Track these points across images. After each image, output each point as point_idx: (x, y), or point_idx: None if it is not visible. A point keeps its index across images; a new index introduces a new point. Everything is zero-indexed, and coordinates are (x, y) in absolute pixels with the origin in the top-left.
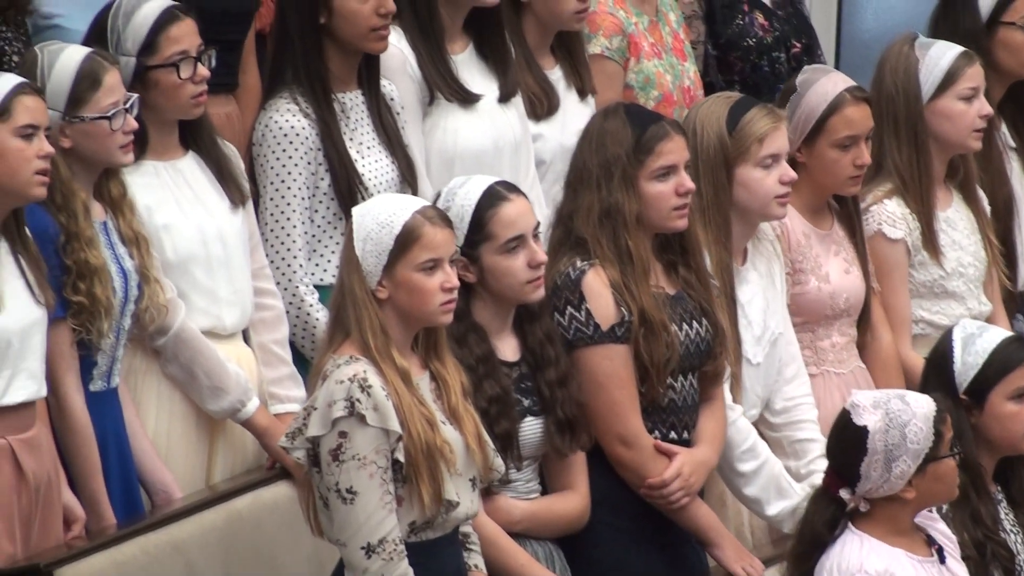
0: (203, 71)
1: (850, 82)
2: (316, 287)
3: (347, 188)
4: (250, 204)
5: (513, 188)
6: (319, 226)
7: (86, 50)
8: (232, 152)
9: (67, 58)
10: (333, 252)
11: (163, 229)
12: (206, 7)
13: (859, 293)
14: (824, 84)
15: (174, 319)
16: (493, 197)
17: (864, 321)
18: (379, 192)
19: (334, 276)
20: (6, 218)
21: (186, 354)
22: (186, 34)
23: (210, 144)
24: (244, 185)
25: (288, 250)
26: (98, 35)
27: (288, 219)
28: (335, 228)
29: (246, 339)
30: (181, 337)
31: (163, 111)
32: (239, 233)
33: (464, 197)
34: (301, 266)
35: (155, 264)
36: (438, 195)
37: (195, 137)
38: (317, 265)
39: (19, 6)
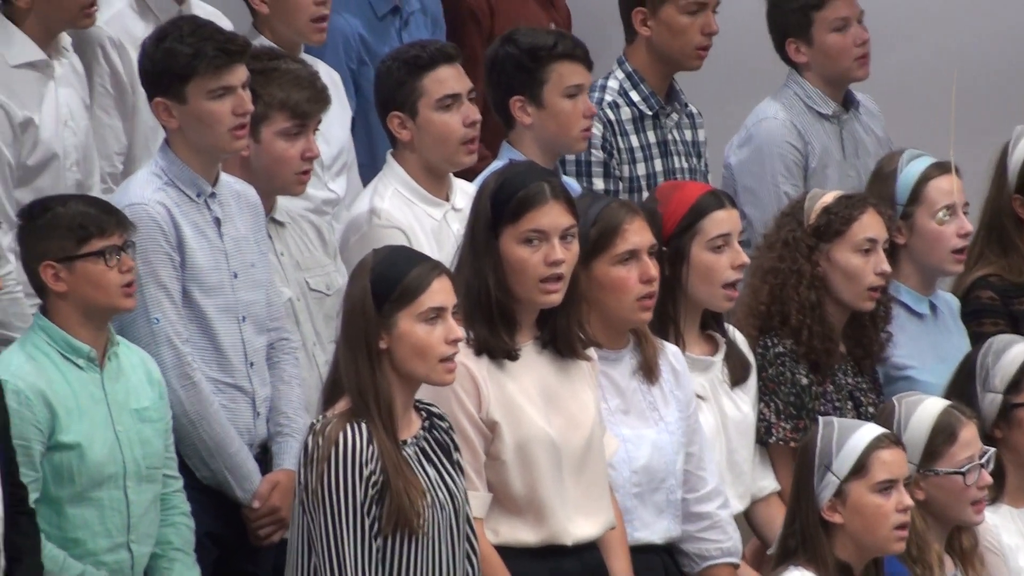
0: None
1: None
2: None
3: None
4: None
5: None
6: None
7: (944, 403)
8: None
9: (924, 410)
10: None
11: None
12: None
13: None
14: None
15: None
16: None
17: None
18: None
19: None
20: (867, 566)
21: None
22: None
23: None
24: None
25: None
26: (967, 372)
27: None
28: None
29: None
30: None
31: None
32: None
33: None
34: None
35: None
36: None
37: None
38: None
39: (874, 355)
